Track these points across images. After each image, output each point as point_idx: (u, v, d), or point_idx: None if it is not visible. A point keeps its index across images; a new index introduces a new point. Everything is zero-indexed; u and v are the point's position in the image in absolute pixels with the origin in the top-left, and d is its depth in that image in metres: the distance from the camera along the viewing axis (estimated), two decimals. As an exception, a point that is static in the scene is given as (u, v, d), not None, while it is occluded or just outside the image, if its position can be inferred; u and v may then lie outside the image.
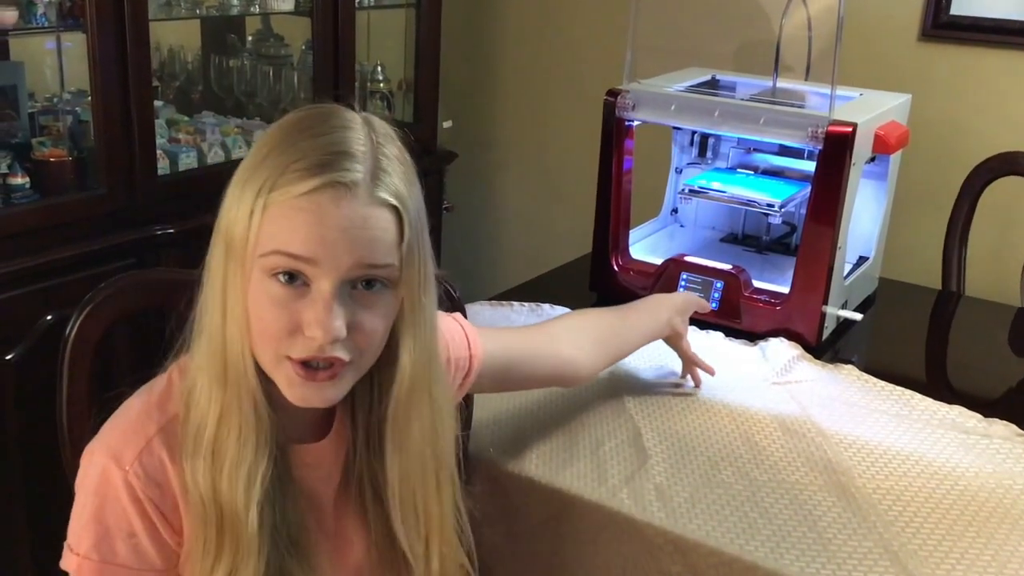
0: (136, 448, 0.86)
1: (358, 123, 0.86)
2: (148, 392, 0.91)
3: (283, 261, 0.81)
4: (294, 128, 0.85)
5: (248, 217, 0.82)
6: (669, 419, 1.41)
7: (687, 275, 1.72)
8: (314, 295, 0.82)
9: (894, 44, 2.39)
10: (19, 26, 1.85)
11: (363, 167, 0.83)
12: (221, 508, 0.85)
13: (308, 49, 2.45)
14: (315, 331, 0.82)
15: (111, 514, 0.86)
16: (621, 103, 1.75)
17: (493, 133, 3.14)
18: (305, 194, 0.81)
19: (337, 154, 0.82)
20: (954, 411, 1.45)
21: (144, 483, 0.86)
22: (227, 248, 0.84)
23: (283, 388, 0.86)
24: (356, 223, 0.82)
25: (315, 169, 0.81)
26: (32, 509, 1.88)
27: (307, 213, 0.81)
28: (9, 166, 1.87)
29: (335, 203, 0.81)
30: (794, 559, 1.12)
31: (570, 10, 2.88)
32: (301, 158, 0.82)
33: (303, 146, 0.83)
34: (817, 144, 1.58)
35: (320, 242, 0.81)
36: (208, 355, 0.86)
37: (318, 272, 0.82)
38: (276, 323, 0.83)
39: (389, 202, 0.84)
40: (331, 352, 0.83)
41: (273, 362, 0.85)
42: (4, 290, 1.79)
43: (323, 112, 0.87)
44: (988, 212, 2.11)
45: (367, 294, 0.84)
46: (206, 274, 0.87)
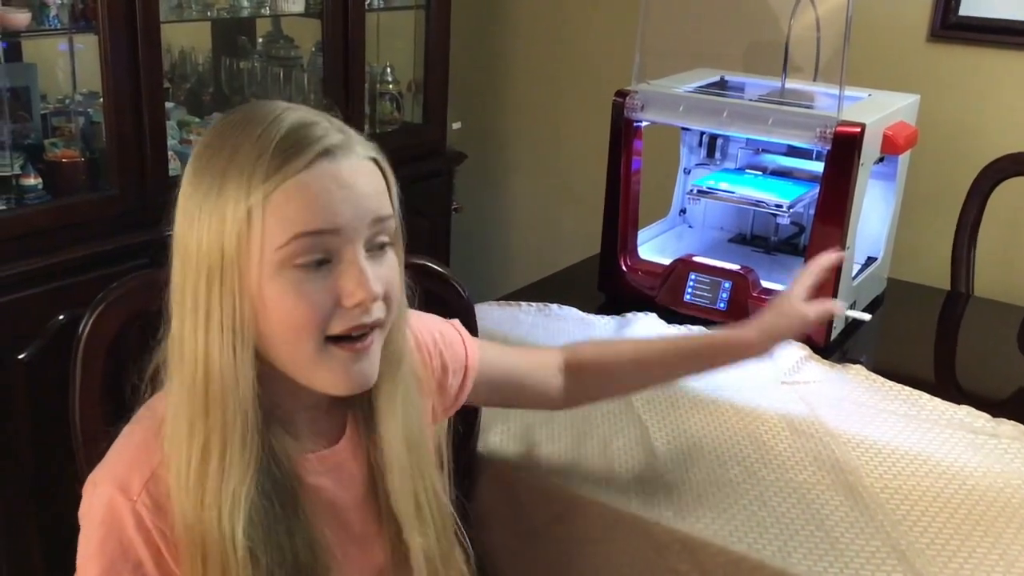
0: (143, 478, 0.84)
1: (285, 104, 0.86)
2: (149, 419, 0.89)
3: (306, 243, 0.80)
4: (239, 128, 0.83)
5: (246, 219, 0.80)
6: (677, 418, 1.41)
7: (695, 275, 1.73)
8: (344, 266, 0.82)
9: (903, 45, 2.39)
10: (32, 28, 1.86)
11: (335, 131, 0.84)
12: (204, 538, 0.83)
13: (318, 51, 2.46)
14: (357, 295, 0.81)
15: (118, 545, 0.85)
16: (630, 104, 1.75)
17: (502, 134, 3.14)
18: (305, 168, 0.80)
19: (309, 126, 0.82)
20: (962, 411, 1.45)
21: (152, 513, 0.84)
22: (211, 269, 0.81)
23: (329, 379, 0.85)
24: (356, 179, 0.82)
25: (302, 144, 0.81)
26: (43, 508, 1.89)
27: (314, 186, 0.80)
28: (22, 167, 1.88)
29: (335, 167, 0.81)
30: (802, 558, 1.12)
31: (579, 11, 2.88)
32: (277, 142, 0.81)
33: (268, 136, 0.81)
34: (825, 144, 1.59)
35: (336, 209, 0.81)
36: (186, 388, 0.84)
37: (341, 241, 0.82)
38: (314, 311, 0.81)
39: (370, 155, 0.85)
40: (374, 315, 0.83)
41: (313, 355, 0.83)
42: (16, 290, 1.80)
43: (253, 107, 0.86)
44: (997, 213, 2.11)
45: (379, 255, 0.85)
46: (177, 308, 0.84)
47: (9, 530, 1.86)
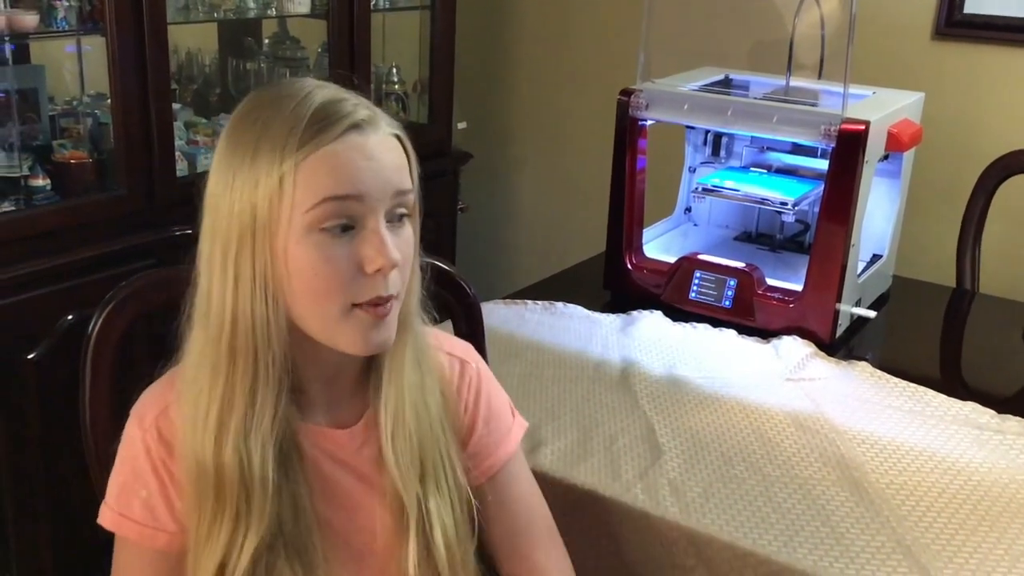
0: (155, 413, 0.93)
1: (322, 82, 0.91)
2: (175, 368, 0.96)
3: (333, 207, 0.85)
4: (273, 101, 0.89)
5: (278, 185, 0.85)
6: (683, 415, 1.42)
7: (700, 273, 1.73)
8: (366, 233, 0.87)
9: (907, 42, 2.39)
10: (40, 30, 1.87)
11: (363, 107, 0.89)
12: (223, 478, 0.89)
13: (324, 51, 2.47)
14: (378, 262, 0.86)
15: (131, 470, 0.93)
16: (634, 102, 1.76)
17: (507, 133, 3.15)
18: (335, 140, 0.85)
19: (340, 102, 0.88)
20: (968, 407, 1.46)
21: (157, 444, 0.92)
22: (243, 230, 0.86)
23: (350, 342, 0.89)
24: (381, 153, 0.88)
25: (333, 118, 0.86)
26: (53, 506, 1.90)
27: (343, 156, 0.86)
28: (30, 168, 1.90)
29: (363, 140, 0.87)
30: (807, 553, 1.13)
31: (583, 11, 2.89)
32: (310, 116, 0.86)
33: (301, 109, 0.86)
34: (830, 142, 1.59)
35: (361, 178, 0.86)
36: (212, 340, 0.89)
37: (364, 209, 0.86)
38: (338, 274, 0.86)
39: (394, 132, 0.90)
40: (389, 289, 0.88)
41: (339, 316, 0.88)
42: (26, 290, 1.81)
43: (286, 83, 0.93)
44: (1002, 210, 2.11)
45: (398, 226, 0.90)
46: (206, 266, 0.90)
47: (20, 528, 1.87)
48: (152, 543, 0.93)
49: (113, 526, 0.94)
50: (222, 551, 0.90)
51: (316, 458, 0.96)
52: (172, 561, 0.94)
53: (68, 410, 1.19)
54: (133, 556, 0.95)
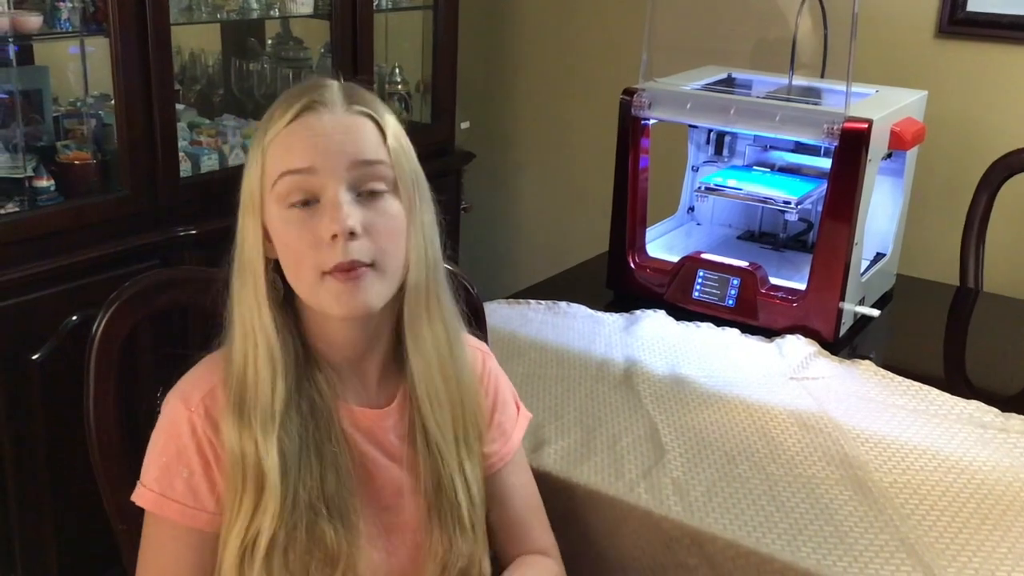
0: (201, 392, 0.96)
1: (332, 79, 0.99)
2: (220, 351, 1.01)
3: (289, 181, 0.92)
4: (287, 91, 0.99)
5: (257, 167, 0.95)
6: (686, 414, 1.42)
7: (704, 272, 1.73)
8: (323, 203, 0.92)
9: (910, 41, 2.39)
10: (44, 31, 1.87)
11: (337, 91, 0.96)
12: (244, 455, 0.93)
13: (327, 52, 2.47)
14: (331, 228, 0.91)
15: (174, 450, 0.96)
16: (637, 102, 1.76)
17: (510, 133, 3.15)
18: (291, 121, 0.93)
19: (311, 88, 0.96)
20: (971, 406, 1.46)
21: (204, 423, 0.95)
22: (249, 204, 0.96)
23: (329, 306, 0.94)
24: (339, 129, 0.94)
25: (294, 100, 0.94)
26: (58, 505, 1.90)
27: (296, 133, 0.93)
28: (34, 169, 1.90)
29: (317, 117, 0.93)
30: (811, 552, 1.13)
31: (586, 10, 2.89)
32: (282, 104, 0.95)
33: (283, 98, 0.96)
34: (833, 141, 1.59)
35: (314, 150, 0.92)
36: (232, 308, 0.97)
37: (320, 182, 0.92)
38: (301, 242, 0.92)
39: (364, 111, 0.96)
40: (352, 254, 0.92)
41: (314, 283, 0.93)
42: (29, 291, 1.82)
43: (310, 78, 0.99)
44: (1006, 208, 2.11)
45: (372, 199, 0.94)
46: (237, 244, 0.97)
47: (25, 527, 1.88)
48: (193, 523, 0.96)
49: (154, 507, 0.96)
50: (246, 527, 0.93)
51: (351, 436, 1.00)
52: (209, 542, 0.96)
53: (72, 410, 1.20)
54: (170, 537, 0.96)
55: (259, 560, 0.92)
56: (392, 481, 1.03)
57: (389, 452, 1.04)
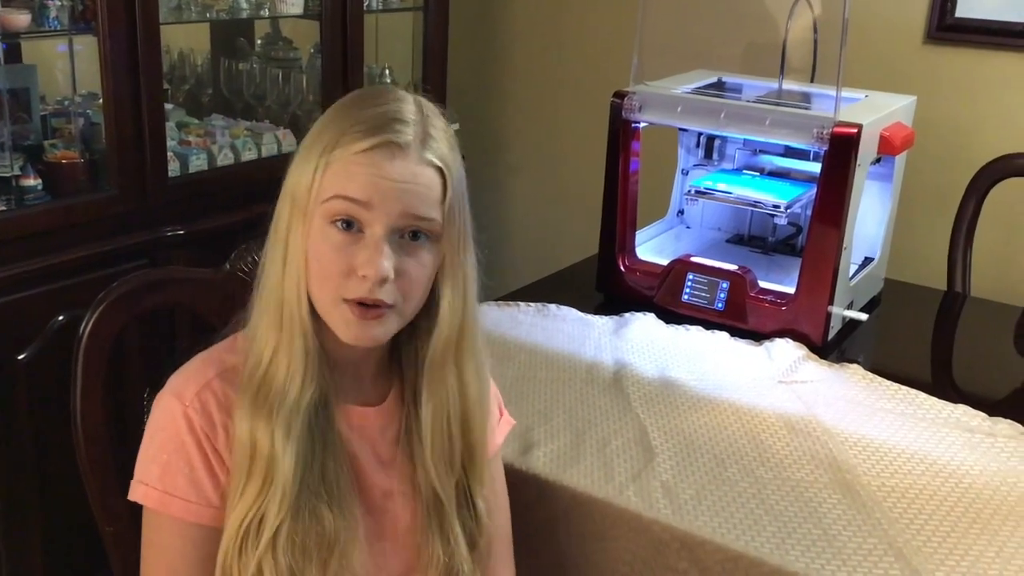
0: (196, 386, 0.96)
1: (409, 98, 0.97)
2: (214, 347, 1.01)
3: (342, 205, 0.92)
4: (353, 102, 0.97)
5: (312, 172, 0.93)
6: (675, 418, 1.42)
7: (693, 276, 1.73)
8: (367, 239, 0.92)
9: (899, 46, 2.40)
10: (32, 29, 1.86)
11: (414, 132, 0.94)
12: (254, 446, 0.94)
13: (317, 52, 2.47)
14: (367, 270, 0.91)
15: (174, 447, 0.95)
16: (628, 105, 1.76)
17: (500, 135, 3.15)
18: (363, 151, 0.92)
19: (392, 120, 0.93)
20: (959, 410, 1.46)
21: (200, 417, 0.95)
22: (292, 204, 0.95)
23: (338, 328, 0.95)
24: (407, 177, 0.92)
25: (372, 131, 0.92)
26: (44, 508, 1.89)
27: (364, 166, 0.92)
28: (21, 168, 1.89)
29: (389, 159, 0.92)
30: (799, 555, 1.13)
31: (577, 13, 2.89)
32: (360, 123, 0.93)
33: (361, 114, 0.94)
34: (822, 145, 1.59)
35: (375, 189, 0.91)
36: (267, 301, 0.96)
37: (371, 217, 0.92)
38: (333, 265, 0.92)
39: (435, 163, 0.95)
40: (378, 294, 0.92)
41: (331, 304, 0.94)
42: (16, 290, 1.81)
43: (378, 88, 1.00)
44: (993, 214, 2.12)
45: (412, 244, 0.95)
46: (272, 231, 0.97)
47: (10, 529, 1.87)
48: (198, 519, 0.95)
49: (158, 505, 0.95)
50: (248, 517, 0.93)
51: (344, 434, 1.00)
52: (214, 536, 0.96)
53: (58, 411, 1.19)
54: (174, 535, 0.96)
55: (264, 543, 0.93)
56: (380, 484, 1.03)
57: (379, 455, 1.04)
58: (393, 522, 1.04)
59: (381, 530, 1.03)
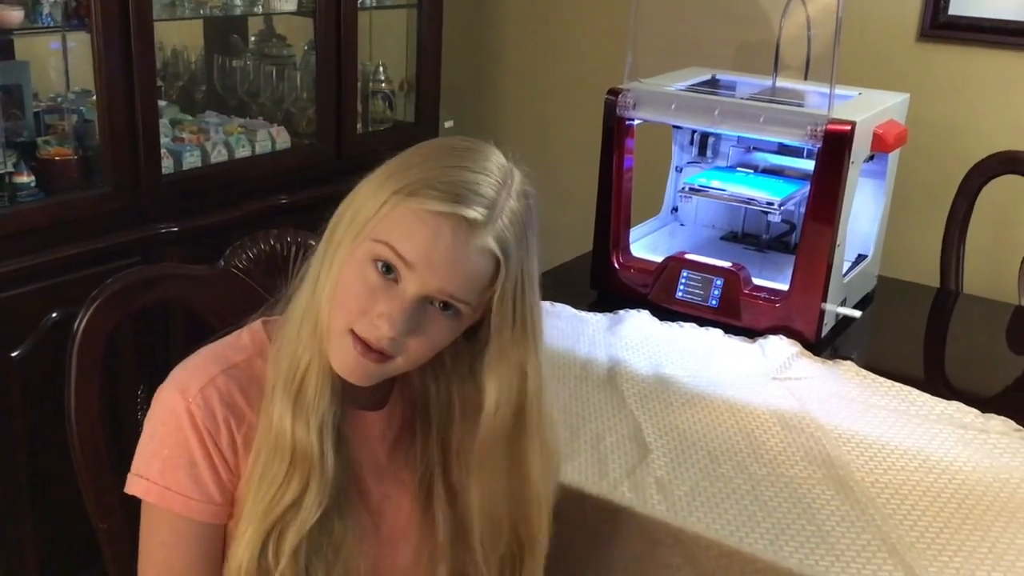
0: (200, 382, 0.95)
1: (504, 170, 0.97)
2: (219, 343, 1.01)
3: (388, 253, 0.90)
4: (450, 153, 0.95)
5: (379, 206, 0.91)
6: (669, 414, 1.42)
7: (687, 273, 1.74)
8: (397, 292, 0.91)
9: (893, 44, 2.40)
10: (24, 26, 1.86)
11: (486, 212, 0.91)
12: (295, 445, 0.93)
13: (310, 49, 2.46)
14: (383, 323, 0.91)
15: (175, 442, 0.95)
16: (622, 102, 1.76)
17: (494, 133, 3.12)
18: (432, 213, 0.89)
19: (474, 189, 0.91)
20: (952, 407, 1.47)
21: (203, 414, 0.94)
22: (350, 221, 0.93)
23: (335, 357, 0.94)
24: (459, 257, 0.90)
25: (449, 197, 0.90)
26: (37, 506, 1.89)
27: (427, 228, 0.90)
28: (15, 165, 1.88)
29: (451, 233, 0.90)
30: (793, 551, 1.13)
31: (571, 10, 2.89)
32: (442, 182, 0.91)
33: (448, 172, 0.92)
34: (816, 142, 1.60)
35: (425, 256, 0.90)
36: (312, 307, 0.95)
37: (410, 276, 0.90)
38: (356, 300, 0.92)
39: (494, 251, 0.92)
40: (384, 344, 0.91)
41: (338, 332, 0.93)
42: (9, 288, 1.80)
43: (479, 149, 0.97)
44: (986, 211, 2.12)
45: (436, 312, 0.93)
46: (326, 240, 0.96)
47: (3, 526, 1.86)
48: (198, 515, 0.95)
49: (158, 500, 0.95)
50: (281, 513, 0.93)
51: (348, 440, 1.00)
52: (213, 534, 0.96)
53: (52, 408, 1.19)
54: (174, 531, 0.96)
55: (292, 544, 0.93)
56: (377, 489, 1.03)
57: (378, 459, 1.03)
58: (390, 525, 1.04)
59: (378, 533, 1.03)
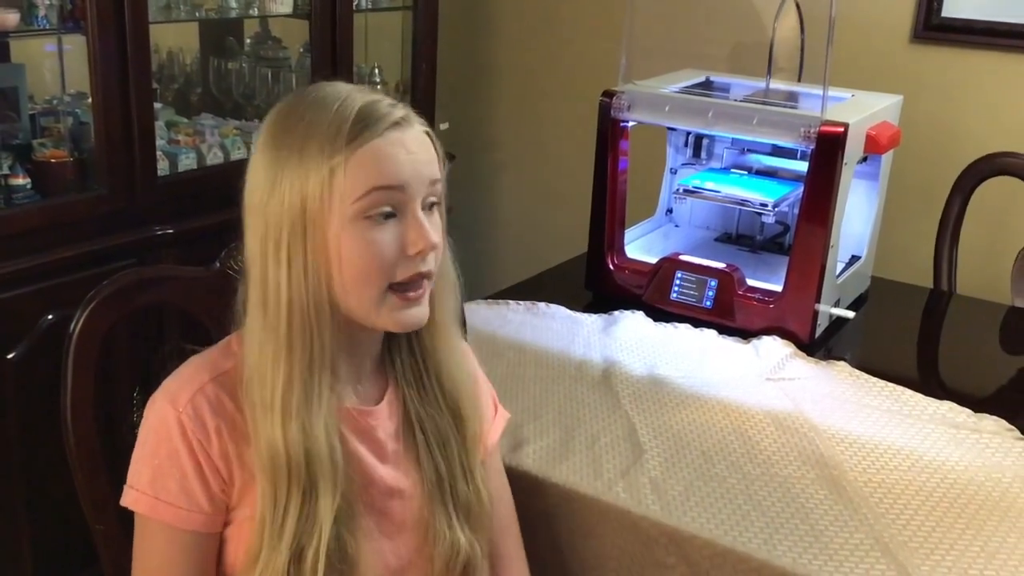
0: (189, 392, 0.96)
1: (354, 85, 0.99)
2: (208, 351, 1.01)
3: (379, 196, 0.93)
4: (312, 105, 0.95)
5: (329, 177, 0.92)
6: (664, 414, 1.43)
7: (682, 274, 1.74)
8: (408, 219, 0.95)
9: (886, 46, 2.41)
10: (20, 28, 1.86)
11: (399, 106, 0.96)
12: (290, 458, 0.93)
13: (306, 51, 2.47)
14: (420, 245, 0.95)
15: (165, 452, 0.95)
16: (616, 104, 1.77)
17: (490, 135, 3.16)
18: (380, 136, 0.93)
19: (378, 102, 0.95)
20: (944, 407, 1.47)
21: (193, 424, 0.94)
22: (294, 223, 0.92)
23: (386, 321, 0.97)
24: (419, 147, 0.96)
25: (376, 115, 0.94)
26: (33, 507, 1.89)
27: (387, 150, 0.93)
28: (10, 167, 1.88)
29: (402, 135, 0.95)
30: (786, 550, 1.14)
31: (566, 12, 2.90)
32: (356, 114, 0.93)
33: (345, 109, 0.93)
34: (809, 144, 1.60)
35: (403, 169, 0.94)
36: (271, 328, 0.94)
37: (406, 198, 0.94)
38: (382, 256, 0.94)
39: (425, 129, 0.99)
40: (425, 267, 0.96)
41: (376, 299, 0.95)
42: (5, 290, 1.80)
43: (320, 88, 0.97)
44: (979, 212, 2.13)
45: (430, 213, 0.98)
46: (259, 259, 0.95)
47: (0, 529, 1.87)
48: (188, 525, 0.95)
49: (148, 510, 0.95)
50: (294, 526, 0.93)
51: (344, 436, 1.00)
52: (205, 542, 0.97)
53: (47, 410, 1.19)
54: (165, 540, 0.96)
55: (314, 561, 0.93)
56: (381, 481, 1.03)
57: (379, 452, 1.04)
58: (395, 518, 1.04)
59: (382, 528, 1.03)
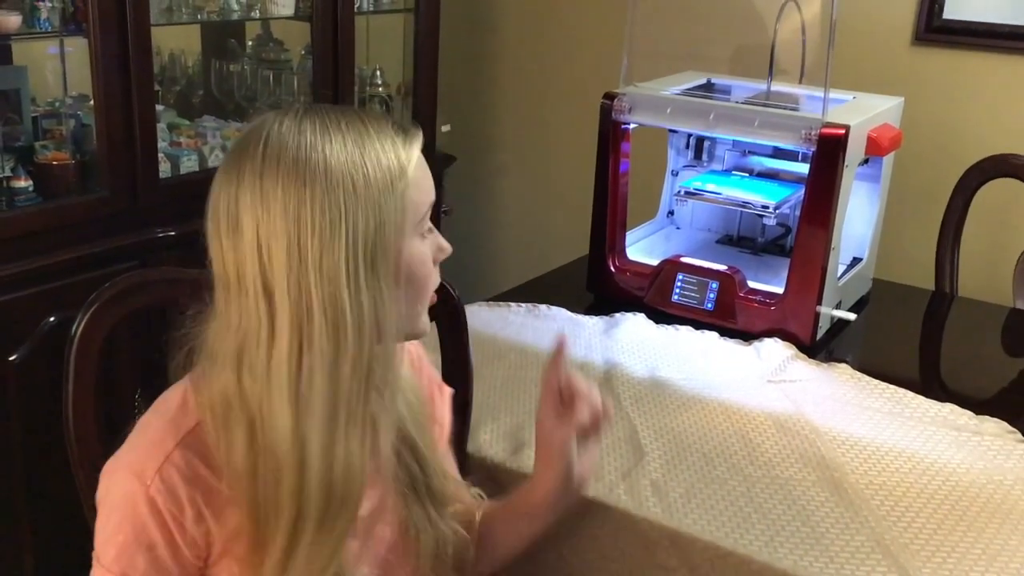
0: (156, 463, 0.89)
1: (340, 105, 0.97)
2: (164, 408, 0.94)
3: (429, 211, 0.96)
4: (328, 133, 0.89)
5: (402, 200, 0.90)
6: (665, 417, 1.43)
7: (683, 276, 1.74)
8: (432, 230, 0.97)
9: (887, 48, 2.41)
10: (22, 31, 1.86)
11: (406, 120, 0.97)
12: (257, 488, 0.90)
13: (308, 54, 2.47)
14: (447, 250, 0.99)
15: (132, 527, 0.90)
16: (618, 106, 1.77)
17: (491, 137, 3.16)
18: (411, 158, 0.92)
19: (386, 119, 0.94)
20: (946, 409, 1.47)
21: (165, 498, 0.89)
22: (376, 237, 0.88)
23: (423, 328, 0.99)
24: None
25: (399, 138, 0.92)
26: (35, 509, 1.89)
27: (420, 169, 0.94)
28: (12, 169, 1.89)
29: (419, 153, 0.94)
30: (788, 552, 1.14)
31: (567, 14, 2.90)
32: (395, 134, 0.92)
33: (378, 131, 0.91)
34: (811, 146, 1.60)
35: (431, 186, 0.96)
36: (330, 356, 0.88)
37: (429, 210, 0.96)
38: (426, 269, 0.96)
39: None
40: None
41: (424, 308, 0.98)
42: (7, 292, 1.81)
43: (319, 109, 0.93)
44: (981, 214, 2.13)
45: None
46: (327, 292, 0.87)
47: (0, 529, 1.86)
48: None
49: None
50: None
51: None
52: None
53: (49, 412, 1.19)
54: None
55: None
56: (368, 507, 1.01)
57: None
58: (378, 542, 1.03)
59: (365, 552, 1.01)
